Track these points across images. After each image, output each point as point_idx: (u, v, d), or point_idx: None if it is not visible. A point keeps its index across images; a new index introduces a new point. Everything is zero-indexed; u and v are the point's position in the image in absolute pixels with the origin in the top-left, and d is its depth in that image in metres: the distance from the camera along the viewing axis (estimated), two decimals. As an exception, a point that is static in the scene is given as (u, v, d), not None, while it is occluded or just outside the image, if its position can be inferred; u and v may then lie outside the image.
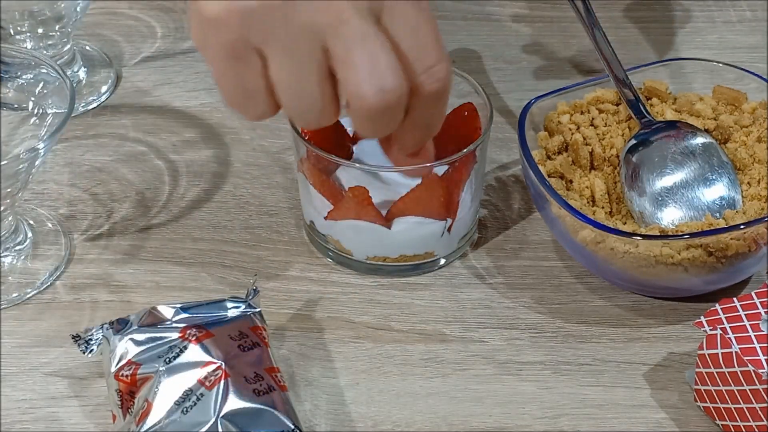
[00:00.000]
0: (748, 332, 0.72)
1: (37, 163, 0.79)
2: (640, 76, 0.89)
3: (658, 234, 0.78)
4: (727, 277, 0.81)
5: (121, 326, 0.74)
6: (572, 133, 0.85)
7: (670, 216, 0.81)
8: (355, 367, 0.79)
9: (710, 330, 0.73)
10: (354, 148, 0.86)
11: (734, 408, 0.72)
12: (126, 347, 0.73)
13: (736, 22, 1.08)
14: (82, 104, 0.98)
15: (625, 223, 0.81)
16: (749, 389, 0.71)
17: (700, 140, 0.82)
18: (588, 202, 0.83)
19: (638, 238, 0.77)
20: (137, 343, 0.73)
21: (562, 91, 0.87)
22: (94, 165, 0.93)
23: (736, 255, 0.77)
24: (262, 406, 0.70)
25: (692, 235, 0.77)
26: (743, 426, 0.73)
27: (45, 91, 0.83)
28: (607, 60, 0.86)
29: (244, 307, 0.76)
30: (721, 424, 0.74)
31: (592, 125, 0.86)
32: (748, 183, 0.82)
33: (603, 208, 0.82)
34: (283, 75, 0.69)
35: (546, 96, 0.86)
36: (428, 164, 0.81)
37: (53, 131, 0.78)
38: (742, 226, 0.76)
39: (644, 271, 0.78)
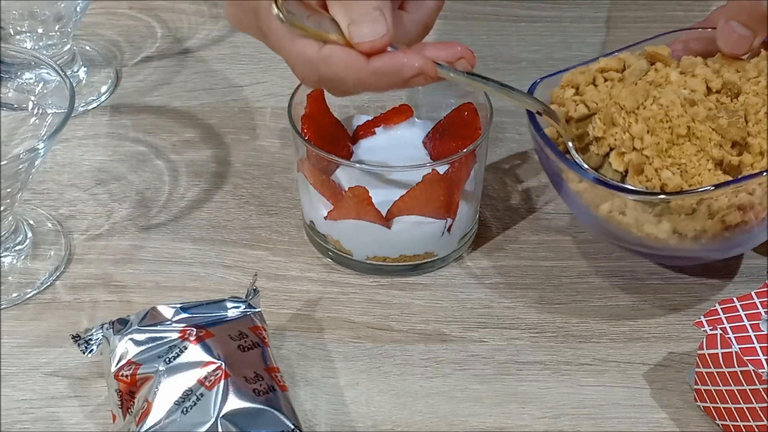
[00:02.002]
0: (748, 332, 0.72)
1: (37, 163, 0.79)
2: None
3: (680, 191, 0.77)
4: (733, 247, 0.80)
5: (121, 326, 0.74)
6: (576, 105, 0.83)
7: None
8: (355, 367, 0.79)
9: (710, 330, 0.73)
10: (354, 148, 0.87)
11: (734, 408, 0.72)
12: (126, 347, 0.73)
13: (736, 22, 1.08)
14: (82, 104, 0.98)
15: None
16: (749, 389, 0.71)
17: None
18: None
19: (662, 196, 0.76)
20: (137, 343, 0.73)
21: (565, 71, 0.85)
22: (94, 165, 0.93)
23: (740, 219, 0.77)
24: (262, 406, 0.70)
25: (725, 184, 0.76)
26: (743, 426, 0.73)
27: (45, 91, 0.83)
28: None
29: (244, 307, 0.76)
30: (721, 424, 0.74)
31: (593, 85, 0.84)
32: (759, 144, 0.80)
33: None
34: None
35: (551, 76, 0.85)
36: (428, 164, 0.81)
37: (53, 131, 0.78)
38: (763, 174, 0.76)
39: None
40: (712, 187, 0.76)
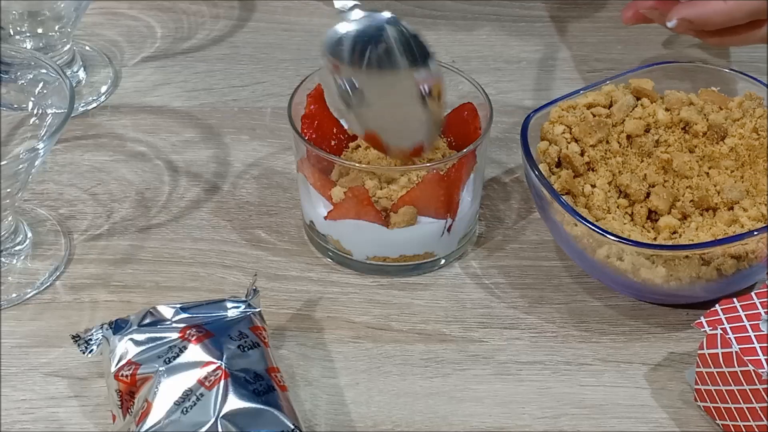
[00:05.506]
0: (748, 332, 0.72)
1: (37, 163, 0.79)
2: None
3: (681, 245, 0.78)
4: (729, 287, 0.80)
5: (121, 326, 0.74)
6: (567, 143, 0.84)
7: None
8: (355, 367, 0.79)
9: (710, 330, 0.73)
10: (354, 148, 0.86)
11: (734, 408, 0.72)
12: (126, 347, 0.73)
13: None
14: (82, 104, 0.98)
15: (644, 226, 0.80)
16: (749, 389, 0.71)
17: None
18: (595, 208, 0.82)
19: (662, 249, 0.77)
20: (137, 343, 0.73)
21: (556, 102, 0.86)
22: (94, 165, 0.93)
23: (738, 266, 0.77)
24: (262, 406, 0.70)
25: (721, 240, 0.77)
26: (743, 426, 0.73)
27: (45, 91, 0.83)
28: None
29: (244, 307, 0.76)
30: (721, 424, 0.74)
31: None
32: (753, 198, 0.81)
33: (612, 214, 0.81)
34: None
35: (541, 109, 0.85)
36: (428, 164, 0.81)
37: (53, 131, 0.78)
38: (755, 233, 0.76)
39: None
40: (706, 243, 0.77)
